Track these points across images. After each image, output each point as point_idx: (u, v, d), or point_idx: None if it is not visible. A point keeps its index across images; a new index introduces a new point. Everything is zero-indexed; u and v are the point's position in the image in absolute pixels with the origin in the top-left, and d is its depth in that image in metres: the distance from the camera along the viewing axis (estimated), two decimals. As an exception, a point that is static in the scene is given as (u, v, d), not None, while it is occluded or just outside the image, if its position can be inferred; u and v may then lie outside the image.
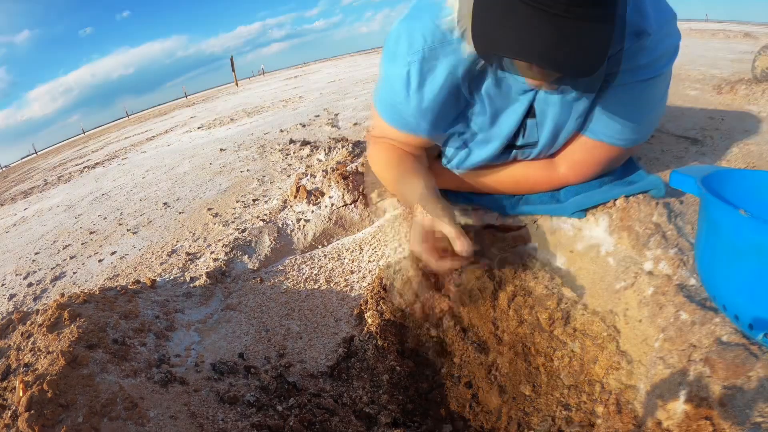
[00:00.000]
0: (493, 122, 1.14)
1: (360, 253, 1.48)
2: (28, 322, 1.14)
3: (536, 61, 0.85)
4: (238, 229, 1.79)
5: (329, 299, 1.31)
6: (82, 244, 2.20)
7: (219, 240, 1.75)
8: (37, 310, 1.14)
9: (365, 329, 1.14)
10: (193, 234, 1.90)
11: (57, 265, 2.01)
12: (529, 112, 1.13)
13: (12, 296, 1.81)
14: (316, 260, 1.51)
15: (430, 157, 1.34)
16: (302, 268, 1.48)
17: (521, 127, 1.15)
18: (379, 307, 1.18)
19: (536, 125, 1.14)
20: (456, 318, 1.12)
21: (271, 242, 1.65)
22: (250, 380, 1.05)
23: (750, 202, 0.89)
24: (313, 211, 1.77)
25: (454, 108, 1.13)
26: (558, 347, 1.06)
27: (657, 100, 1.11)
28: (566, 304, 1.08)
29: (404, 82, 1.09)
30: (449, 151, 1.24)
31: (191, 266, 1.61)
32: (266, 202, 2.05)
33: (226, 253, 1.61)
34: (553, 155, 1.24)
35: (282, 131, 3.71)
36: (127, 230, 2.20)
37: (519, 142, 1.19)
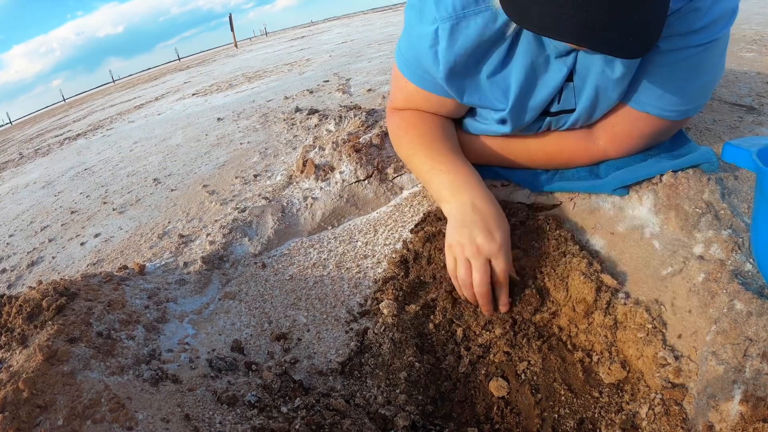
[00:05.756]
0: (530, 88, 1.12)
1: (374, 236, 1.46)
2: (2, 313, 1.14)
3: (573, 41, 0.82)
4: (237, 208, 1.78)
5: (340, 287, 1.30)
6: (62, 225, 2.21)
7: (216, 220, 1.74)
8: (11, 299, 1.14)
9: (380, 321, 1.13)
10: (187, 214, 1.90)
11: (34, 248, 2.02)
12: (568, 75, 1.10)
13: (-18, 284, 1.81)
14: (325, 243, 1.50)
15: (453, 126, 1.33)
16: (309, 252, 1.46)
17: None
18: (396, 296, 1.16)
19: (574, 90, 1.11)
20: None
21: (275, 223, 1.64)
22: (251, 378, 1.04)
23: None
24: (321, 188, 1.75)
25: (485, 71, 1.11)
26: (597, 341, 1.04)
27: (711, 69, 1.07)
28: (606, 292, 1.07)
29: (431, 41, 1.08)
30: (478, 113, 1.22)
31: (185, 250, 1.60)
32: (269, 177, 2.03)
33: (224, 236, 1.60)
34: (591, 125, 1.22)
35: (287, 98, 3.69)
36: (113, 209, 2.20)
37: (553, 108, 1.16)
